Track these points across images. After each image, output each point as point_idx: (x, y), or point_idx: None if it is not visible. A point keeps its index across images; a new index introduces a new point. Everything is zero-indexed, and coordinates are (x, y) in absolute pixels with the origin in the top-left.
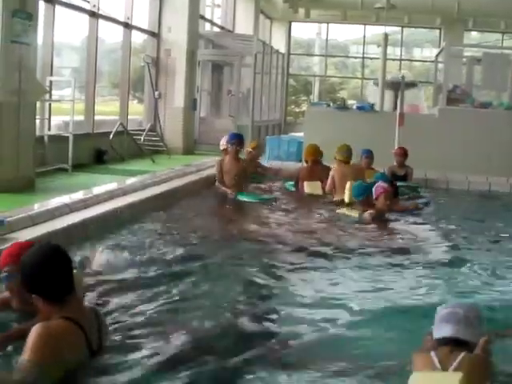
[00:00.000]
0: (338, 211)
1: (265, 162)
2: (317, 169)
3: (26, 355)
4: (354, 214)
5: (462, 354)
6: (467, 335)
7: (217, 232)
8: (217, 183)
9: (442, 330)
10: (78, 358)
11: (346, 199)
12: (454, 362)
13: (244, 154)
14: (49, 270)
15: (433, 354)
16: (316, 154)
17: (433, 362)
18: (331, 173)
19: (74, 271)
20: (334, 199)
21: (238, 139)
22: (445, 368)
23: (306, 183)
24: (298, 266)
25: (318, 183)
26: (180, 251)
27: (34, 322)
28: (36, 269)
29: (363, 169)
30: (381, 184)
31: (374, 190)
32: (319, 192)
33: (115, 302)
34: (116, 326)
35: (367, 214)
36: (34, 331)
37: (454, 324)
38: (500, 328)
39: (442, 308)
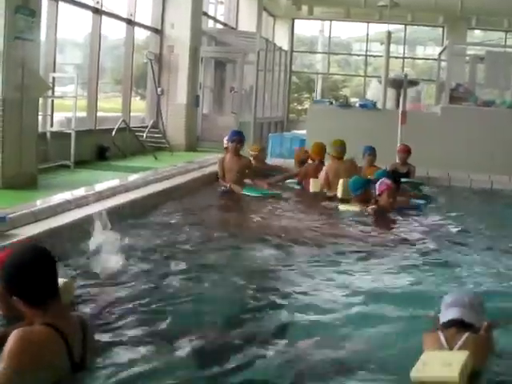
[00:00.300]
0: (340, 207)
1: (268, 159)
2: (323, 167)
3: (2, 362)
4: (356, 209)
5: (466, 335)
6: (471, 318)
7: (219, 227)
8: (219, 180)
9: (448, 313)
10: (58, 369)
11: (339, 194)
12: (459, 341)
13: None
14: (30, 272)
15: (440, 333)
16: (323, 153)
17: (440, 340)
18: (325, 168)
19: (66, 278)
20: (328, 195)
21: (238, 137)
22: (451, 346)
23: (311, 180)
24: (300, 260)
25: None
26: (182, 246)
27: (15, 328)
28: (16, 270)
29: (357, 165)
30: (385, 181)
31: (377, 186)
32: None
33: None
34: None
35: (370, 210)
36: (13, 337)
37: (459, 307)
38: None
39: (448, 295)
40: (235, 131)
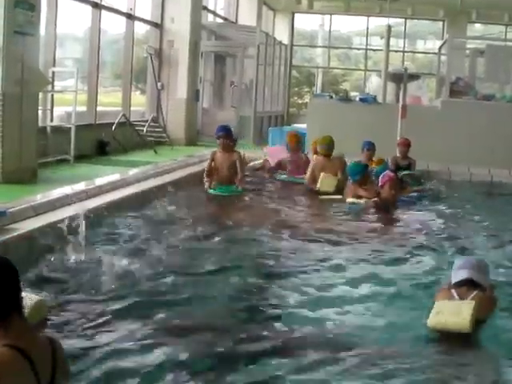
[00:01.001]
0: (347, 200)
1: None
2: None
3: None
4: (361, 201)
5: (475, 292)
6: (479, 279)
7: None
8: (204, 174)
9: (459, 274)
10: None
11: (318, 186)
12: (469, 296)
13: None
14: None
15: (453, 290)
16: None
17: (452, 295)
18: (311, 165)
19: (38, 297)
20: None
21: (223, 132)
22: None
23: (322, 174)
24: (305, 256)
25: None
26: (180, 241)
27: None
28: None
29: (345, 162)
30: (387, 173)
31: (380, 178)
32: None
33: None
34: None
35: (372, 203)
36: None
37: (468, 269)
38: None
39: (457, 260)
40: (220, 126)
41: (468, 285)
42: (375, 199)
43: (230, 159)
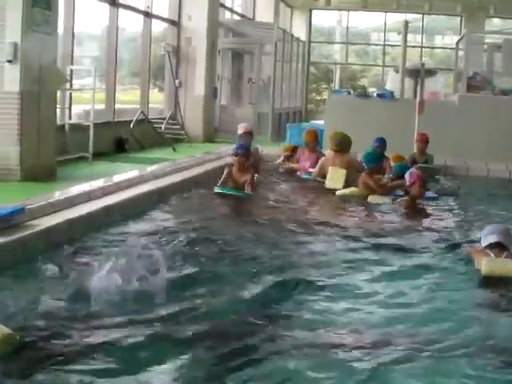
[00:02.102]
0: (369, 199)
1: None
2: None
3: None
4: (387, 201)
5: (506, 253)
6: (507, 242)
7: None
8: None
9: (489, 238)
10: None
11: (326, 183)
12: (502, 256)
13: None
14: None
15: (487, 251)
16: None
17: (489, 254)
18: (322, 160)
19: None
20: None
21: (243, 151)
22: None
23: (330, 168)
24: (333, 255)
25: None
26: (196, 238)
27: None
28: None
29: (356, 161)
30: (413, 171)
31: (407, 176)
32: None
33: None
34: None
35: (401, 201)
36: None
37: (497, 234)
38: None
39: (485, 229)
40: (241, 145)
41: (498, 247)
42: (405, 198)
43: (245, 176)
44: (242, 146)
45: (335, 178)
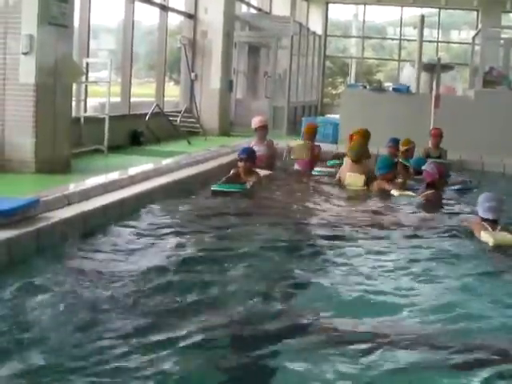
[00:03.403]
0: (392, 193)
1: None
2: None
3: None
4: (412, 194)
5: (499, 226)
6: (500, 217)
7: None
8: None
9: (488, 214)
10: None
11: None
12: (497, 229)
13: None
14: None
15: (484, 223)
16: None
17: (486, 226)
18: (341, 168)
19: None
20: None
21: (247, 155)
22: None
23: (348, 174)
24: (359, 249)
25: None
26: (212, 232)
27: None
28: None
29: (373, 171)
30: (430, 168)
31: (424, 174)
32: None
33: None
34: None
35: (424, 196)
36: None
37: (494, 212)
38: None
39: (483, 197)
40: (245, 149)
41: (494, 221)
42: (426, 193)
43: (251, 179)
44: (245, 150)
45: (353, 182)
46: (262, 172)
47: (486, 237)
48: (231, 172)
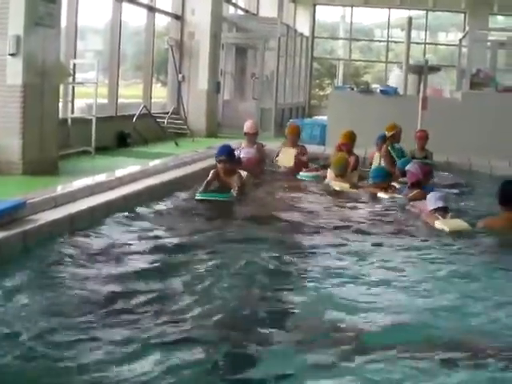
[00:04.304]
0: (379, 195)
1: None
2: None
3: None
4: (397, 197)
5: (450, 214)
6: (449, 206)
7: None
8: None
9: (437, 203)
10: None
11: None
12: (447, 217)
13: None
14: None
15: (436, 214)
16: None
17: (437, 216)
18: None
19: None
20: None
21: (225, 156)
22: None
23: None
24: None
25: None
26: (200, 232)
27: None
28: None
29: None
30: (413, 169)
31: (408, 176)
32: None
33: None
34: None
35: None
36: None
37: (443, 200)
38: None
39: (431, 195)
40: (222, 148)
41: (443, 210)
42: (413, 193)
43: (232, 180)
44: (223, 151)
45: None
46: (243, 174)
47: (441, 224)
48: (210, 175)
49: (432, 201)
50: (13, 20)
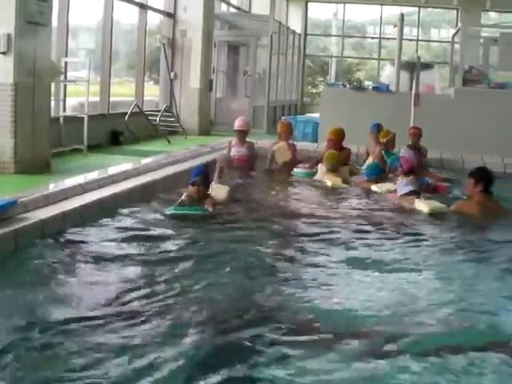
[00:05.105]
0: (373, 188)
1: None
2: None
3: None
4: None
5: (421, 197)
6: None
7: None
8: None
9: (407, 188)
10: None
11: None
12: (419, 200)
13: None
14: None
15: (408, 197)
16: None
17: (412, 199)
18: (318, 175)
19: None
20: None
21: (201, 178)
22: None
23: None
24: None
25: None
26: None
27: None
28: None
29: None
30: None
31: (402, 159)
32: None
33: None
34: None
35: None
36: None
37: (412, 185)
38: None
39: (402, 183)
40: (198, 169)
41: (414, 193)
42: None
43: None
44: (198, 172)
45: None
46: (220, 191)
47: (421, 206)
48: (183, 196)
49: (402, 187)
50: (4, 18)
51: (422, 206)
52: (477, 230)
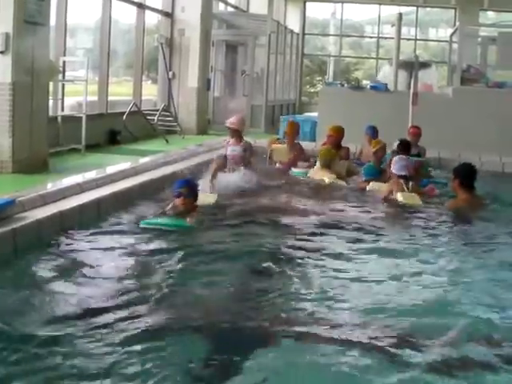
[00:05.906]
0: (368, 188)
1: None
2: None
3: None
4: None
5: (411, 182)
6: (411, 175)
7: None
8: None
9: (401, 171)
10: None
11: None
12: (409, 185)
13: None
14: None
15: (399, 180)
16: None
17: (402, 183)
18: (311, 173)
19: None
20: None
21: (186, 190)
22: (406, 187)
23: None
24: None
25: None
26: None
27: None
28: None
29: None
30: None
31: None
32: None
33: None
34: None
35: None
36: None
37: (406, 170)
38: None
39: (396, 160)
40: (181, 182)
41: (404, 178)
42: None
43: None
44: (182, 184)
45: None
46: (208, 199)
47: (400, 197)
48: (168, 208)
49: (397, 167)
50: (2, 18)
51: (400, 197)
52: (462, 225)
